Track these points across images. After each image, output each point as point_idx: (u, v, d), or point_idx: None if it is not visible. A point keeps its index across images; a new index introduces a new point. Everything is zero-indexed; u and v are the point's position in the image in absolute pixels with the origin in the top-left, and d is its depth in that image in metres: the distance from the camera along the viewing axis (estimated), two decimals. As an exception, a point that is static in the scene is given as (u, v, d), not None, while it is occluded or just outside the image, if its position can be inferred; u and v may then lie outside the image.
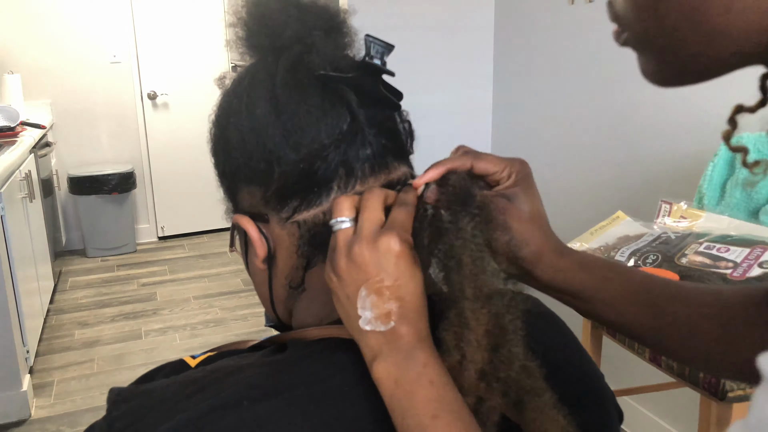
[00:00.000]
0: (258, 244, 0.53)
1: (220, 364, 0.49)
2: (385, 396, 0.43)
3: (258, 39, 0.53)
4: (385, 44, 0.49)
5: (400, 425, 0.42)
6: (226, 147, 0.53)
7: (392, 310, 0.44)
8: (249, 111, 0.51)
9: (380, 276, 0.44)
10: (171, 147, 4.19)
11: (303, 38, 0.52)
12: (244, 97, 0.52)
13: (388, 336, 0.44)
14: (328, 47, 0.52)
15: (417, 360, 0.43)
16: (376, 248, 0.44)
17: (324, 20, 0.53)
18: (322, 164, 0.49)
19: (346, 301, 0.45)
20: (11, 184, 2.38)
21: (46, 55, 3.83)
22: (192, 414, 0.43)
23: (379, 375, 0.43)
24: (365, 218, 0.46)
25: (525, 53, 2.37)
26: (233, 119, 0.52)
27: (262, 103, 0.51)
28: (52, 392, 2.38)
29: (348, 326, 0.46)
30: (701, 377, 1.04)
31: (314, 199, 0.50)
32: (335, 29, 0.54)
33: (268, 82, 0.51)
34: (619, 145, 1.95)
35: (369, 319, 0.44)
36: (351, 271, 0.44)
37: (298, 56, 0.51)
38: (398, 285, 0.44)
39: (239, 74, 0.55)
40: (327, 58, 0.51)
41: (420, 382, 0.42)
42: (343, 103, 0.50)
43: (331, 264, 0.46)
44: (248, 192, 0.53)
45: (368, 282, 0.44)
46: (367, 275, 0.44)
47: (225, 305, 3.18)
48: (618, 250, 1.33)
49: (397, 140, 0.53)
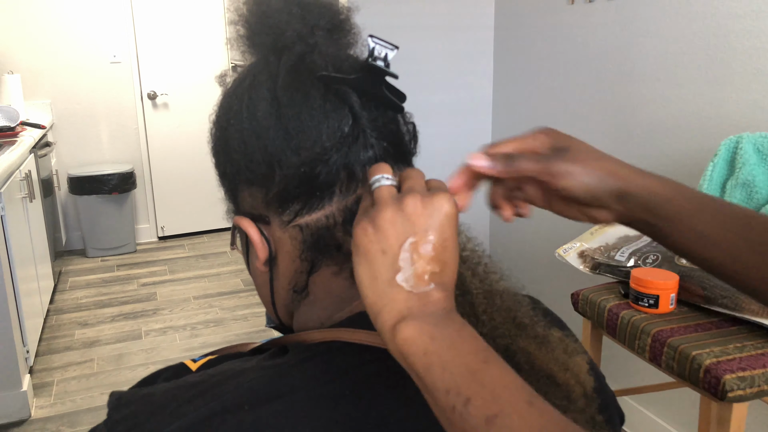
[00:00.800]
0: (259, 246, 0.52)
1: (221, 368, 0.49)
2: (416, 354, 0.38)
3: (259, 37, 0.53)
4: (390, 44, 0.49)
5: (440, 378, 0.37)
6: (227, 148, 0.53)
7: (435, 272, 0.41)
8: (250, 112, 0.50)
9: (429, 233, 0.41)
10: (171, 147, 4.19)
11: (305, 37, 0.51)
12: (245, 98, 0.51)
13: (423, 299, 0.40)
14: (330, 47, 0.52)
15: (454, 320, 0.40)
16: (430, 203, 0.41)
17: (326, 18, 0.53)
18: (324, 168, 0.48)
19: (380, 255, 0.41)
20: (11, 184, 2.38)
21: (46, 55, 3.83)
22: (193, 418, 0.42)
23: (409, 333, 0.39)
24: (415, 180, 0.44)
25: (525, 53, 2.37)
26: (234, 120, 0.52)
27: (263, 104, 0.50)
28: (52, 392, 2.38)
29: (369, 287, 0.41)
30: (701, 377, 1.04)
31: (316, 202, 0.50)
32: (338, 28, 0.54)
33: (269, 83, 0.50)
34: (619, 144, 1.95)
35: (408, 277, 0.40)
36: (397, 222, 0.41)
37: (300, 56, 0.51)
38: (444, 247, 0.41)
39: (240, 74, 0.54)
40: (329, 58, 0.51)
41: (462, 336, 0.39)
42: (345, 105, 0.49)
43: (368, 216, 0.42)
44: (249, 194, 0.53)
45: (417, 234, 0.41)
46: (415, 229, 0.41)
47: (225, 305, 3.18)
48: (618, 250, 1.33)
49: (400, 143, 0.53)
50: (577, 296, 1.36)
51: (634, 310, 1.23)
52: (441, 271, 0.41)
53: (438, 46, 2.46)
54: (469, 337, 0.39)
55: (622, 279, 1.32)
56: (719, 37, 1.57)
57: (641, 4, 1.80)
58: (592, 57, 2.02)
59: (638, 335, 1.17)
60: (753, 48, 1.49)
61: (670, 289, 1.20)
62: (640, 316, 1.20)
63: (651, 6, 1.77)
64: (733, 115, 1.55)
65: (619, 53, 1.91)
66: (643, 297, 1.21)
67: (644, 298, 1.21)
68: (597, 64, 2.00)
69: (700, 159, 1.65)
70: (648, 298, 1.21)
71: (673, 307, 1.21)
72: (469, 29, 2.50)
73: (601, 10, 1.95)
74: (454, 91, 2.54)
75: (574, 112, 2.14)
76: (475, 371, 0.37)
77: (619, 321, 1.23)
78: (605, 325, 1.27)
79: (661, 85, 1.77)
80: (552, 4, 2.18)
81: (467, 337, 0.39)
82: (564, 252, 1.42)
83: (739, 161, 1.31)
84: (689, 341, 1.09)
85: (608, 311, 1.26)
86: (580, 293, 1.35)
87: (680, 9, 1.68)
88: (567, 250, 1.42)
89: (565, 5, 2.11)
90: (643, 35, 1.81)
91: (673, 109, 1.74)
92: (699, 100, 1.65)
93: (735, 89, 1.54)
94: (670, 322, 1.17)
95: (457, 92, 2.54)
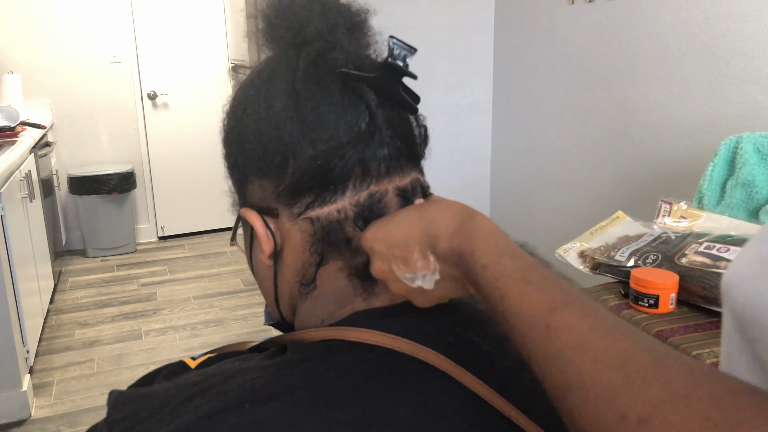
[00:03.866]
0: (264, 239, 0.52)
1: (222, 367, 0.49)
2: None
3: (279, 32, 0.53)
4: (409, 47, 0.49)
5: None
6: (241, 138, 0.53)
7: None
8: (268, 104, 0.51)
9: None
10: (171, 147, 4.19)
11: (325, 35, 0.52)
12: (263, 89, 0.52)
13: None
14: (351, 45, 0.52)
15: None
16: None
17: (346, 18, 0.54)
18: (339, 162, 0.49)
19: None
20: (11, 184, 2.38)
21: (46, 55, 3.83)
22: (192, 417, 0.42)
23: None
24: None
25: (525, 53, 2.37)
26: (250, 111, 0.52)
27: (281, 96, 0.50)
28: (52, 392, 2.38)
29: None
30: (701, 377, 1.04)
31: (329, 196, 0.50)
32: (357, 28, 0.55)
33: (288, 76, 0.51)
34: (619, 145, 1.95)
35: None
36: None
37: (320, 52, 0.51)
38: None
39: (258, 66, 0.55)
40: (350, 56, 0.52)
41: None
42: (362, 102, 0.50)
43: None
44: (259, 185, 0.53)
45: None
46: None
47: (225, 305, 3.18)
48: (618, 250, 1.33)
49: (412, 143, 0.53)
50: (577, 296, 1.36)
51: (634, 310, 1.23)
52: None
53: (438, 46, 2.46)
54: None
55: (622, 279, 1.33)
56: (719, 38, 1.57)
57: (641, 4, 1.80)
58: (592, 57, 2.02)
59: (638, 335, 1.17)
60: (753, 48, 1.49)
61: (670, 289, 1.20)
62: (640, 316, 1.20)
63: (651, 6, 1.77)
64: (733, 115, 1.55)
65: (619, 53, 1.91)
66: (643, 297, 1.21)
67: (644, 298, 1.21)
68: (597, 64, 2.00)
69: (700, 159, 1.65)
70: (648, 298, 1.21)
71: (673, 307, 1.21)
72: (469, 30, 2.50)
73: (601, 10, 1.95)
74: (454, 92, 2.54)
75: (574, 112, 2.14)
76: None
77: (619, 321, 1.23)
78: (605, 325, 1.27)
79: (661, 85, 1.77)
80: (552, 4, 2.18)
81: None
82: (564, 252, 1.42)
83: (739, 161, 1.31)
84: (689, 341, 1.10)
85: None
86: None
87: (680, 10, 1.68)
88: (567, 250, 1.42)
89: (565, 5, 2.11)
90: (643, 35, 1.81)
91: (673, 109, 1.73)
92: (699, 100, 1.65)
93: (735, 89, 1.54)
94: (670, 322, 1.17)
95: (457, 92, 2.54)
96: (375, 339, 0.47)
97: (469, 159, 2.69)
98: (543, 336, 0.36)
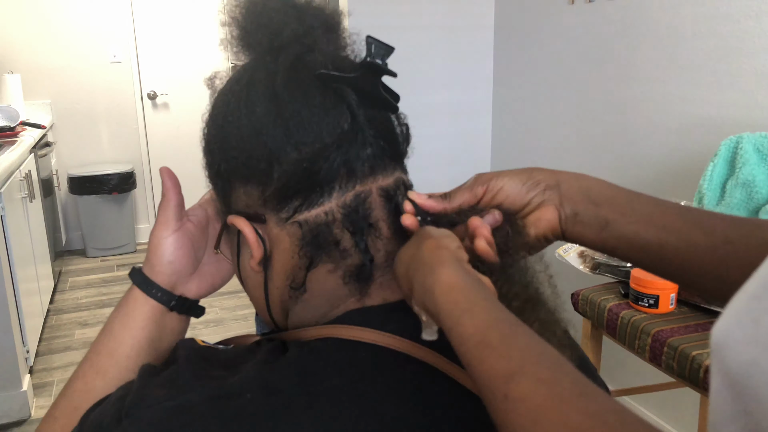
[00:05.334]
0: (255, 245, 0.52)
1: (226, 353, 0.51)
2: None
3: (255, 38, 0.53)
4: (387, 46, 0.49)
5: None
6: (223, 146, 0.53)
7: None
8: (249, 110, 0.51)
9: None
10: (171, 147, 4.19)
11: (301, 38, 0.52)
12: (242, 95, 0.52)
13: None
14: (328, 47, 0.52)
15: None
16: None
17: (321, 20, 0.54)
18: (325, 163, 0.49)
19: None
20: (11, 184, 2.38)
21: (46, 54, 3.83)
22: (194, 397, 0.43)
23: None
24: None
25: (525, 53, 2.37)
26: (231, 118, 0.52)
27: (262, 101, 0.50)
28: (52, 392, 2.38)
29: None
30: (701, 377, 1.04)
31: (316, 198, 0.50)
32: (332, 29, 0.55)
33: (268, 81, 0.51)
34: (618, 144, 1.95)
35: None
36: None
37: (298, 55, 0.51)
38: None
39: (236, 73, 0.55)
40: (328, 57, 0.52)
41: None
42: (344, 103, 0.50)
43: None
44: (244, 192, 0.53)
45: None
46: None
47: (225, 305, 3.18)
48: (618, 250, 1.33)
49: (395, 142, 0.54)
50: (577, 296, 1.36)
51: (634, 310, 1.23)
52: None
53: (438, 46, 2.46)
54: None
55: (622, 279, 1.33)
56: (719, 37, 1.57)
57: (641, 4, 1.80)
58: (592, 57, 2.02)
59: (638, 335, 1.17)
60: (753, 48, 1.49)
61: (670, 289, 1.20)
62: (640, 316, 1.20)
63: (651, 6, 1.77)
64: (733, 115, 1.55)
65: (619, 53, 1.91)
66: (643, 297, 1.21)
67: (644, 298, 1.21)
68: (597, 64, 2.00)
69: (700, 159, 1.65)
70: (648, 298, 1.21)
71: (673, 307, 1.21)
72: (469, 29, 2.50)
73: (601, 10, 1.95)
74: (454, 92, 2.53)
75: (574, 112, 2.14)
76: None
77: (619, 321, 1.23)
78: (605, 325, 1.27)
79: (661, 85, 1.77)
80: (552, 4, 2.18)
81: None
82: (564, 252, 1.42)
83: (739, 161, 1.31)
84: (689, 341, 1.09)
85: (608, 311, 1.26)
86: (580, 293, 1.36)
87: (680, 9, 1.68)
88: (567, 250, 1.42)
89: (565, 5, 2.11)
90: (643, 35, 1.81)
91: (673, 109, 1.73)
92: (699, 100, 1.65)
93: (735, 89, 1.54)
94: (670, 322, 1.17)
95: (457, 92, 2.54)
96: (370, 337, 0.48)
97: (469, 159, 2.69)
98: (503, 408, 0.35)
